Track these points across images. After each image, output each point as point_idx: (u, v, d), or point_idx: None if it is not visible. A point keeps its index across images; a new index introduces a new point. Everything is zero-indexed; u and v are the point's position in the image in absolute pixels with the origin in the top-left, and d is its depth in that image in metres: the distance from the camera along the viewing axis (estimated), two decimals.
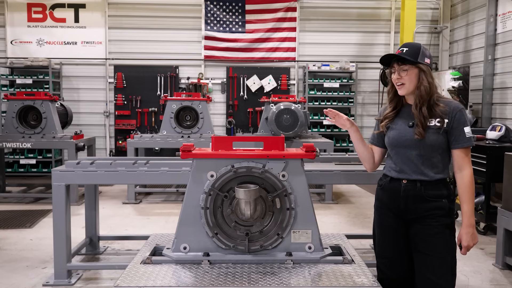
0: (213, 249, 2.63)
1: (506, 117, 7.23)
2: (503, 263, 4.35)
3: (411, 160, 2.45)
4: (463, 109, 2.42)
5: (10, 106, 6.87)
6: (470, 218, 2.41)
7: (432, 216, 2.43)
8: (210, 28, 9.53)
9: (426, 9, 9.68)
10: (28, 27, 9.43)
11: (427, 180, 2.44)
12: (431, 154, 2.42)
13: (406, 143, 2.46)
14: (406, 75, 2.42)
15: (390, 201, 2.55)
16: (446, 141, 2.42)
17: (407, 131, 2.47)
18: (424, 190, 2.44)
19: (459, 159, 2.43)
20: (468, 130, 2.40)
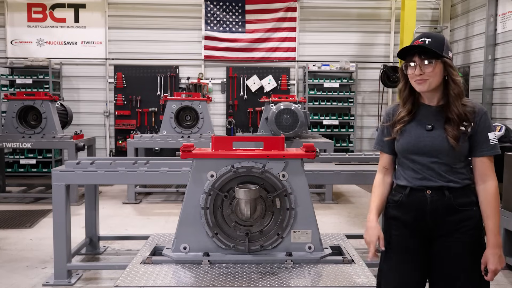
0: (213, 249, 2.63)
1: (506, 117, 7.23)
2: None
3: (431, 168, 2.11)
4: (486, 113, 2.13)
5: (10, 106, 6.87)
6: (497, 237, 2.06)
7: (463, 230, 2.09)
8: (210, 28, 9.53)
9: (426, 9, 9.68)
10: (28, 27, 9.43)
11: (455, 187, 2.09)
12: (454, 161, 2.09)
13: (425, 149, 2.10)
14: (431, 71, 2.04)
15: (412, 217, 2.14)
16: (468, 147, 2.10)
17: (425, 135, 2.11)
18: (454, 199, 2.09)
19: (483, 169, 2.12)
20: (493, 136, 2.13)
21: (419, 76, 2.05)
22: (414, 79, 2.08)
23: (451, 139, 2.04)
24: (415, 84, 2.08)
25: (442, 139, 2.06)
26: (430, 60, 2.03)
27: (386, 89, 9.62)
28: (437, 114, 2.11)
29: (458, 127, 2.05)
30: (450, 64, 2.06)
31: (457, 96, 2.06)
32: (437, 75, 2.05)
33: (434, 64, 2.03)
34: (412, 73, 2.07)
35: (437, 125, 2.09)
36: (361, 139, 9.85)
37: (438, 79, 2.06)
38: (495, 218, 2.08)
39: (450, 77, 2.06)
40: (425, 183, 2.10)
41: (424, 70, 2.03)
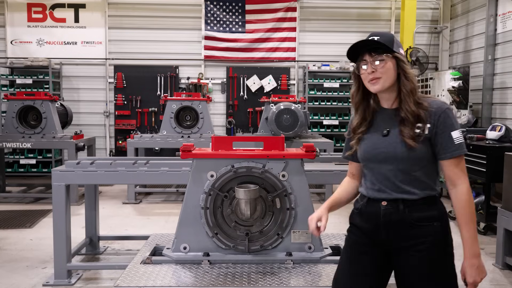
0: (213, 249, 2.63)
1: (506, 117, 7.23)
2: (503, 263, 4.35)
3: (387, 178, 1.93)
4: (448, 110, 1.91)
5: (10, 106, 6.87)
6: (473, 247, 1.86)
7: (420, 247, 1.89)
8: (210, 28, 9.53)
9: (426, 9, 9.68)
10: (28, 27, 9.42)
11: (411, 200, 1.91)
12: (412, 168, 1.90)
13: (379, 157, 1.94)
14: (382, 67, 1.90)
15: (368, 226, 2.00)
16: (430, 151, 1.90)
17: (380, 141, 1.95)
18: (409, 213, 1.90)
19: (450, 172, 1.90)
20: (457, 135, 1.88)
21: (371, 74, 1.91)
22: (367, 79, 1.94)
23: (408, 140, 1.86)
24: (369, 84, 1.94)
25: (397, 143, 1.89)
26: (381, 55, 1.91)
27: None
28: (394, 117, 1.95)
29: (413, 126, 1.88)
30: (402, 60, 1.93)
31: (409, 92, 1.90)
32: (390, 71, 1.91)
33: (385, 60, 1.91)
34: (364, 72, 1.94)
35: (393, 129, 1.94)
36: None
37: (392, 76, 1.92)
38: (468, 226, 1.87)
39: (403, 72, 1.92)
40: (380, 195, 1.95)
41: (376, 67, 1.91)
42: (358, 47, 1.95)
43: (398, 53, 1.93)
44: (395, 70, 1.92)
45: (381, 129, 1.97)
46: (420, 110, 1.88)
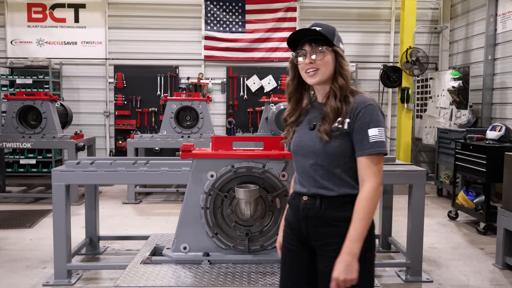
0: (213, 249, 2.63)
1: (506, 117, 7.23)
2: (503, 263, 4.35)
3: (309, 172, 1.91)
4: (371, 106, 1.84)
5: (10, 106, 6.87)
6: (353, 245, 1.76)
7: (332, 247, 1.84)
8: (210, 28, 9.53)
9: (426, 9, 9.68)
10: (28, 27, 9.42)
11: (328, 196, 1.87)
12: (331, 164, 1.86)
13: (303, 150, 1.92)
14: (321, 59, 1.87)
15: (294, 221, 1.98)
16: (351, 148, 1.86)
17: (307, 135, 1.93)
18: (325, 210, 1.87)
19: (361, 170, 1.82)
20: (375, 133, 1.81)
21: (309, 65, 1.88)
22: (305, 69, 1.90)
23: (322, 134, 1.84)
24: (307, 76, 1.91)
25: (317, 137, 1.87)
26: (321, 47, 1.88)
27: (386, 89, 9.62)
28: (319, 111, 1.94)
29: (332, 122, 1.85)
30: (341, 54, 1.91)
31: (338, 88, 1.87)
32: (328, 64, 1.88)
33: (325, 52, 1.88)
34: (302, 62, 1.91)
35: (318, 123, 1.91)
36: None
37: (330, 70, 1.89)
38: (359, 224, 1.77)
39: (339, 67, 1.90)
40: (302, 189, 1.94)
41: (315, 59, 1.88)
42: (298, 36, 1.92)
43: (337, 47, 1.91)
44: (333, 64, 1.89)
45: (311, 123, 1.94)
46: (343, 105, 1.86)
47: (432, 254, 4.74)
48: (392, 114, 9.83)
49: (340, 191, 1.86)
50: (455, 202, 5.93)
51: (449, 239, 5.26)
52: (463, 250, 4.88)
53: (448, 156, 7.19)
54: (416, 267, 3.97)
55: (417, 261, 3.96)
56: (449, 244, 5.08)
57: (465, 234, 5.46)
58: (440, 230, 5.62)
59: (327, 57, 1.88)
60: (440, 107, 8.36)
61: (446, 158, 7.29)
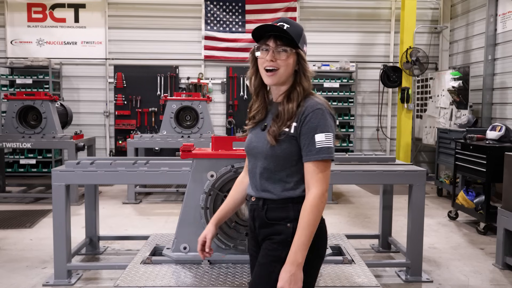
0: (213, 249, 2.63)
1: (506, 117, 7.23)
2: (503, 263, 4.35)
3: (256, 174, 1.89)
4: (319, 110, 1.78)
5: (10, 106, 6.87)
6: (297, 254, 1.71)
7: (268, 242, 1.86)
8: (210, 28, 9.53)
9: (426, 9, 9.68)
10: (28, 27, 9.42)
11: (271, 199, 1.85)
12: (276, 167, 1.83)
13: (253, 152, 1.90)
14: (284, 59, 1.81)
15: (250, 223, 2.01)
16: (298, 151, 1.82)
17: (258, 136, 1.89)
18: (267, 212, 1.86)
19: (307, 175, 1.78)
20: (321, 139, 1.76)
21: (270, 62, 1.80)
22: (264, 65, 1.82)
23: (269, 137, 1.79)
24: (265, 74, 1.83)
25: (265, 139, 1.82)
26: (285, 47, 1.81)
27: (386, 89, 9.62)
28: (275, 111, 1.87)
29: (282, 124, 1.80)
30: (303, 58, 1.86)
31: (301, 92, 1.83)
32: (289, 66, 1.82)
33: (289, 53, 1.81)
34: (263, 57, 1.82)
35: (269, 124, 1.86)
36: (361, 139, 9.85)
37: (289, 71, 1.83)
38: (302, 232, 1.72)
39: (302, 71, 1.84)
40: (251, 191, 1.94)
41: (277, 57, 1.80)
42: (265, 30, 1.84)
43: (301, 50, 1.85)
44: (293, 66, 1.84)
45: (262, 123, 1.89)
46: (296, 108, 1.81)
47: (432, 254, 4.74)
48: (392, 114, 9.83)
49: (282, 194, 1.83)
50: (455, 202, 5.93)
51: (449, 239, 5.26)
52: (463, 250, 4.88)
53: (448, 156, 7.19)
54: (416, 267, 3.97)
55: (417, 261, 3.96)
56: (449, 244, 5.08)
57: (465, 234, 5.46)
58: (440, 230, 5.63)
59: (290, 58, 1.82)
60: (440, 107, 8.36)
61: (446, 158, 7.30)
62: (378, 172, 3.80)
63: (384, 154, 6.25)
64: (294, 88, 1.83)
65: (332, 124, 1.81)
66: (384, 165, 4.06)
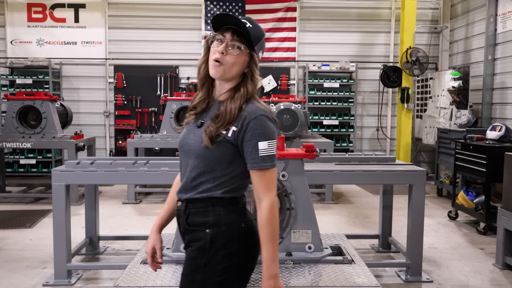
0: None
1: (506, 117, 7.23)
2: (503, 263, 4.35)
3: (186, 173, 1.81)
4: (262, 117, 1.73)
5: (10, 106, 6.87)
6: (271, 267, 1.70)
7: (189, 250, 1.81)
8: (210, 28, 9.52)
9: (426, 9, 9.68)
10: (28, 27, 9.42)
11: (194, 201, 1.79)
12: (207, 168, 1.77)
13: (185, 148, 1.82)
14: (235, 56, 1.75)
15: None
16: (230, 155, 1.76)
17: (193, 132, 1.82)
18: (188, 216, 1.80)
19: (255, 184, 1.75)
20: (264, 147, 1.71)
21: (219, 54, 1.73)
22: (214, 57, 1.75)
23: (205, 137, 1.72)
24: (212, 66, 1.76)
25: (200, 137, 1.76)
26: (241, 44, 1.76)
27: (386, 89, 9.62)
28: (214, 109, 1.81)
29: (220, 126, 1.73)
30: (256, 62, 1.80)
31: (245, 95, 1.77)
32: (237, 65, 1.76)
33: (242, 51, 1.76)
34: (216, 48, 1.76)
35: (206, 122, 1.80)
36: (361, 139, 9.86)
37: (235, 70, 1.77)
38: (267, 246, 1.69)
39: (251, 74, 1.79)
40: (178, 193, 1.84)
41: (229, 52, 1.75)
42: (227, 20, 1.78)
43: (256, 54, 1.81)
44: (242, 67, 1.78)
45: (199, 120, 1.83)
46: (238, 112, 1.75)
47: (432, 254, 4.74)
48: (392, 114, 9.83)
49: (204, 194, 1.77)
50: (455, 202, 5.93)
51: (449, 239, 5.26)
52: (463, 250, 4.88)
53: (448, 156, 7.19)
54: (416, 267, 3.97)
55: (417, 261, 3.96)
56: (449, 244, 5.08)
57: (465, 234, 5.46)
58: (440, 230, 5.63)
59: (242, 57, 1.76)
60: (440, 107, 8.36)
61: (446, 158, 7.30)
62: (378, 172, 3.80)
63: (384, 154, 6.25)
64: (239, 89, 1.78)
65: (275, 130, 1.77)
66: (384, 165, 4.06)
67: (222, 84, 1.81)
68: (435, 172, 7.94)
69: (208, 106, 1.84)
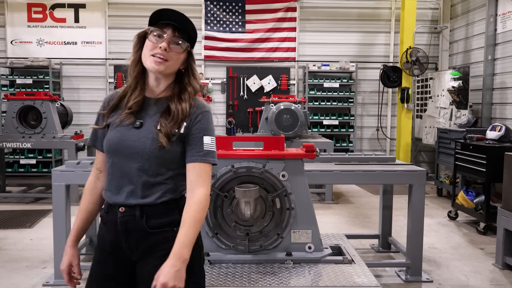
0: (213, 249, 2.63)
1: (506, 117, 7.23)
2: (503, 263, 4.35)
3: (129, 177, 1.72)
4: (208, 113, 1.78)
5: (10, 106, 6.87)
6: (184, 249, 1.62)
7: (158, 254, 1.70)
8: (210, 28, 9.53)
9: (426, 9, 9.68)
10: (28, 27, 9.42)
11: (151, 204, 1.72)
12: (159, 169, 1.72)
13: (126, 151, 1.71)
14: (177, 52, 1.75)
15: (111, 239, 1.77)
16: (182, 151, 1.75)
17: (131, 134, 1.73)
18: (147, 220, 1.71)
19: (192, 176, 1.71)
20: (208, 142, 1.74)
21: (162, 51, 1.71)
22: (155, 51, 1.72)
23: (162, 138, 1.68)
24: (152, 61, 1.72)
25: (149, 138, 1.71)
26: (184, 42, 1.76)
27: (386, 89, 9.63)
28: (154, 108, 1.77)
29: (174, 124, 1.71)
30: (193, 58, 1.84)
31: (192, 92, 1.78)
32: (179, 61, 1.77)
33: (183, 48, 1.77)
34: (156, 44, 1.73)
35: (147, 122, 1.74)
36: (361, 139, 9.86)
37: (176, 67, 1.77)
38: (187, 228, 1.64)
39: (191, 71, 1.81)
40: (117, 198, 1.74)
41: (172, 48, 1.73)
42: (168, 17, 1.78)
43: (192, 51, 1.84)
44: (182, 63, 1.79)
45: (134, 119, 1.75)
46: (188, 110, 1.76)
47: (432, 254, 4.74)
48: (392, 114, 9.83)
49: (163, 198, 1.72)
50: (455, 202, 5.93)
51: (449, 239, 5.26)
52: (463, 250, 4.88)
53: (448, 156, 7.19)
54: (416, 267, 3.97)
55: (417, 261, 3.96)
56: (449, 244, 5.08)
57: (465, 234, 5.46)
58: (440, 230, 5.63)
59: (182, 54, 1.77)
60: (440, 107, 8.36)
61: (446, 158, 7.30)
62: (378, 172, 3.80)
63: (384, 154, 6.26)
64: (185, 88, 1.78)
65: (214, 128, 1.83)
66: (384, 165, 4.06)
67: (159, 80, 1.78)
68: (435, 172, 7.94)
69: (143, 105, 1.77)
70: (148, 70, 1.75)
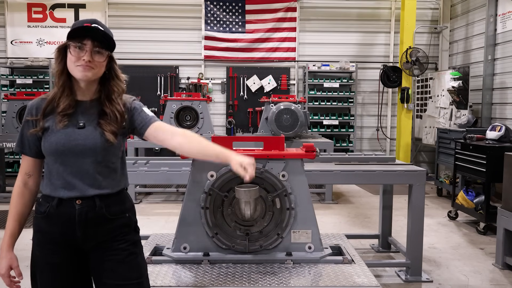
0: (213, 249, 2.63)
1: (506, 117, 7.23)
2: (503, 263, 4.35)
3: (85, 171, 1.89)
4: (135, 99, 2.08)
5: (10, 106, 6.87)
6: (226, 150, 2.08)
7: (118, 238, 1.97)
8: (210, 28, 9.53)
9: (426, 9, 9.68)
10: (28, 27, 9.43)
11: (108, 194, 1.94)
12: (110, 159, 1.95)
13: (76, 150, 1.87)
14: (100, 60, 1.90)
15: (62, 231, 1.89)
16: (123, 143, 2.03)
17: (76, 133, 1.89)
18: (106, 208, 1.93)
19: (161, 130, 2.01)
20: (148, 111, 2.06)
21: (87, 62, 1.85)
22: (79, 63, 1.86)
23: (109, 134, 1.89)
24: (80, 69, 1.86)
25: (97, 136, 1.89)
26: (105, 51, 1.91)
27: (386, 89, 9.63)
28: (90, 109, 1.94)
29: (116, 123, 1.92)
30: (115, 61, 2.01)
31: (120, 94, 1.99)
32: (103, 67, 1.93)
33: (104, 55, 1.91)
34: (79, 56, 1.86)
35: (89, 122, 1.92)
36: (361, 139, 9.86)
37: (102, 72, 1.94)
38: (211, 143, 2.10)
39: (115, 73, 1.99)
40: (74, 193, 1.88)
41: (94, 58, 1.88)
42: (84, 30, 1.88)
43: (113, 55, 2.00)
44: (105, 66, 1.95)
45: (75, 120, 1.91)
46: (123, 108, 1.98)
47: (432, 254, 4.74)
48: (392, 114, 9.83)
49: (117, 188, 1.99)
50: (455, 202, 5.94)
51: (449, 239, 5.26)
52: (463, 250, 4.88)
53: (448, 156, 7.19)
54: (416, 267, 3.97)
55: (417, 261, 3.96)
56: (449, 244, 5.08)
57: (465, 234, 5.46)
58: (440, 230, 5.63)
59: (103, 59, 1.92)
60: (440, 107, 8.36)
61: (446, 158, 7.30)
62: (378, 172, 3.80)
63: (384, 154, 6.26)
64: (113, 90, 1.97)
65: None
66: (384, 165, 4.06)
67: (88, 86, 1.95)
68: (435, 172, 7.95)
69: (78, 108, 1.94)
70: (78, 79, 1.91)
